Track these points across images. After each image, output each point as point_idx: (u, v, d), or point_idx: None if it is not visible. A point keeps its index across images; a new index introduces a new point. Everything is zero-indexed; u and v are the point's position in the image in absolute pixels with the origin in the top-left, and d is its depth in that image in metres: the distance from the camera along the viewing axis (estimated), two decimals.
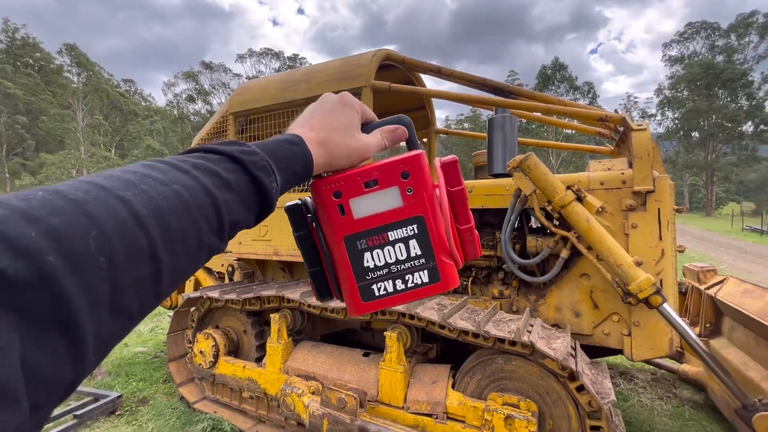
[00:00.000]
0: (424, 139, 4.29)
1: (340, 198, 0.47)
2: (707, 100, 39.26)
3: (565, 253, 2.22)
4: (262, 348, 2.78)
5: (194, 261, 0.35)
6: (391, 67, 3.26)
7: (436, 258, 0.48)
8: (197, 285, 3.75)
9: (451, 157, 0.52)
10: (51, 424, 2.78)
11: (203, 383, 3.04)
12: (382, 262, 0.48)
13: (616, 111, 2.46)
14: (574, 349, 1.97)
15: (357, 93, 2.66)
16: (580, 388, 1.81)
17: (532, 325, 2.06)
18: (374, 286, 0.49)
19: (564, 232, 2.20)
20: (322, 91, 2.80)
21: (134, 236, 0.28)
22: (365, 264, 0.48)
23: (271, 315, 2.64)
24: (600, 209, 2.13)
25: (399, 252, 0.48)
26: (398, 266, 0.48)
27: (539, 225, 2.80)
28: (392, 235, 0.48)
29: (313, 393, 2.31)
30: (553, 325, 2.30)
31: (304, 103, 2.90)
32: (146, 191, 0.31)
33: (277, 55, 49.95)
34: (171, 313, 3.32)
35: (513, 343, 1.93)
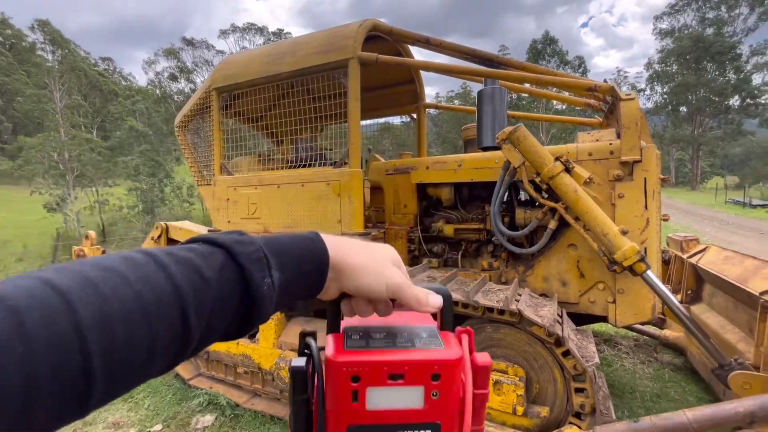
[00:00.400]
0: (413, 115, 4.24)
1: (357, 383, 0.42)
2: (696, 74, 39.29)
3: (553, 225, 2.25)
4: None
5: (139, 371, 0.31)
6: (378, 39, 3.17)
7: None
8: None
9: (486, 358, 0.46)
10: None
11: (197, 360, 3.07)
12: None
13: (605, 81, 2.45)
14: (561, 317, 2.03)
15: (343, 65, 2.59)
16: (566, 353, 1.87)
17: (520, 295, 2.10)
18: None
19: (552, 204, 2.22)
20: (307, 63, 2.72)
21: (66, 353, 0.26)
22: None
23: None
24: (588, 180, 2.15)
25: None
26: None
27: (528, 198, 2.82)
28: None
29: None
30: (540, 295, 2.35)
31: (289, 77, 2.82)
32: (102, 294, 0.29)
33: (261, 31, 48.22)
34: None
35: (501, 311, 1.98)
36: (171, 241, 3.96)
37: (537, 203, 2.65)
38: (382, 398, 0.42)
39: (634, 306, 2.14)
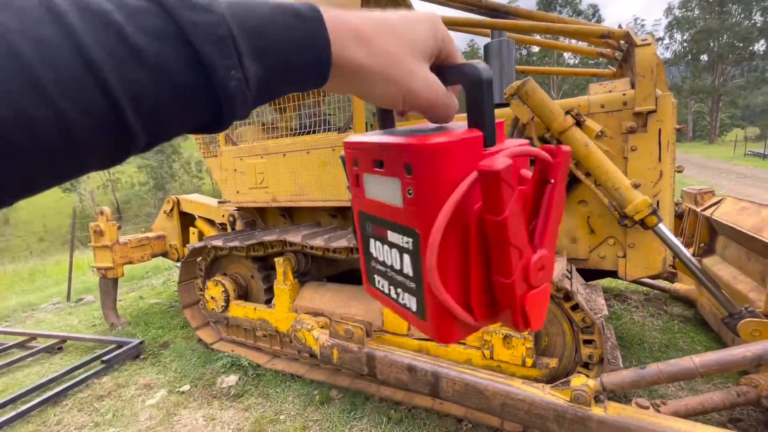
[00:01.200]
0: None
1: (357, 167, 0.40)
2: (719, 17, 36.78)
3: None
4: (270, 291, 2.89)
5: (56, 161, 0.22)
6: None
7: (425, 294, 0.35)
8: (201, 236, 3.81)
9: (506, 162, 0.29)
10: (81, 370, 2.98)
11: (218, 326, 3.21)
12: (382, 258, 0.41)
13: (619, 26, 2.31)
14: (570, 272, 2.04)
15: None
16: (575, 307, 1.90)
17: None
18: (376, 276, 0.43)
19: None
20: None
21: None
22: (370, 249, 0.42)
23: (275, 259, 2.71)
24: (599, 133, 2.08)
25: (394, 259, 0.38)
26: (393, 273, 0.39)
27: None
28: (390, 237, 0.38)
29: (321, 327, 2.44)
30: None
31: None
32: None
33: None
34: (179, 264, 3.42)
35: None
36: (183, 215, 4.04)
37: None
38: (372, 187, 0.39)
39: (644, 259, 2.13)
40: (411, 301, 0.38)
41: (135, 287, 5.54)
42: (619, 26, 2.37)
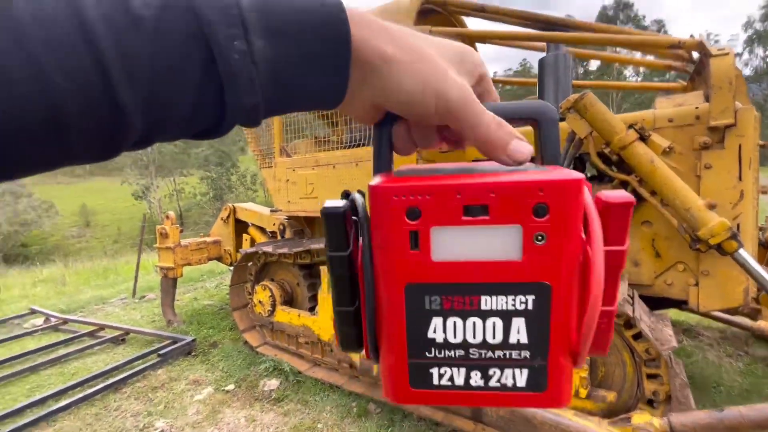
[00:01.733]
0: None
1: (416, 219, 0.29)
2: None
3: None
4: (314, 299, 2.95)
5: (38, 145, 0.20)
6: (431, 13, 3.08)
7: (549, 355, 0.30)
8: (253, 243, 4.01)
9: (622, 194, 0.29)
10: (140, 361, 3.21)
11: (263, 330, 3.32)
12: (459, 339, 0.31)
13: (691, 36, 2.16)
14: (632, 297, 1.88)
15: None
16: (637, 336, 1.73)
17: None
18: (435, 370, 0.32)
19: (624, 176, 2.04)
20: None
21: None
22: (430, 334, 0.31)
23: (321, 267, 2.77)
24: (667, 149, 1.93)
25: (490, 331, 0.30)
26: (483, 352, 0.31)
27: (596, 173, 2.61)
28: (487, 303, 0.30)
29: None
30: None
31: None
32: None
33: None
34: (232, 268, 3.62)
35: None
36: (238, 222, 4.28)
37: (606, 177, 2.45)
38: (456, 244, 0.29)
39: (721, 289, 1.91)
40: (518, 377, 0.31)
41: (190, 288, 5.91)
42: (691, 36, 2.22)
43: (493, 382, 0.31)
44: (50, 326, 4.42)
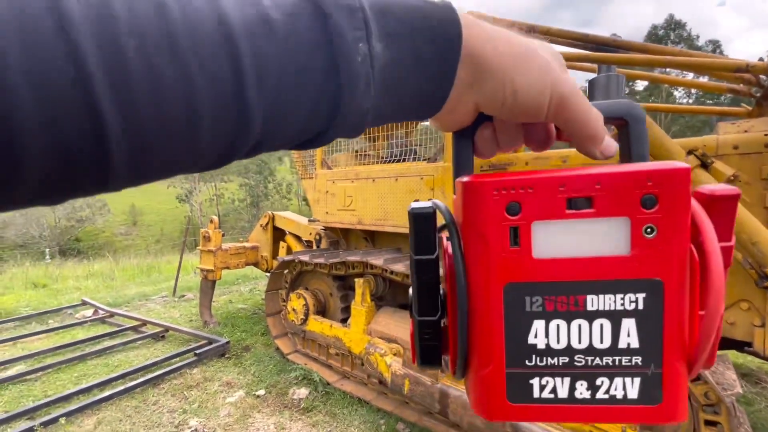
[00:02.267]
0: None
1: (516, 215, 0.28)
2: None
3: None
4: (346, 310, 2.96)
5: (178, 138, 0.20)
6: None
7: (664, 362, 0.28)
8: (289, 251, 4.11)
9: (725, 186, 0.28)
10: (177, 359, 3.34)
11: (295, 338, 3.36)
12: (563, 345, 0.29)
13: (761, 60, 2.03)
14: None
15: None
16: (695, 378, 1.60)
17: None
18: (535, 380, 0.29)
19: None
20: None
21: (55, 56, 0.16)
22: (530, 339, 0.29)
23: (356, 279, 2.79)
24: (732, 178, 1.81)
25: (597, 334, 0.28)
26: (589, 359, 0.29)
27: None
28: (594, 303, 0.28)
29: (395, 354, 2.40)
30: None
31: None
32: (107, 3, 0.18)
33: None
34: (268, 274, 3.72)
35: None
36: (276, 230, 4.41)
37: None
38: (559, 239, 0.28)
39: None
40: (630, 388, 0.28)
41: (226, 291, 6.12)
42: (760, 59, 2.09)
43: (600, 394, 0.29)
44: (98, 318, 4.70)
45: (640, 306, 0.27)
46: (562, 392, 0.29)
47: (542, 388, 0.29)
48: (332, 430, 2.42)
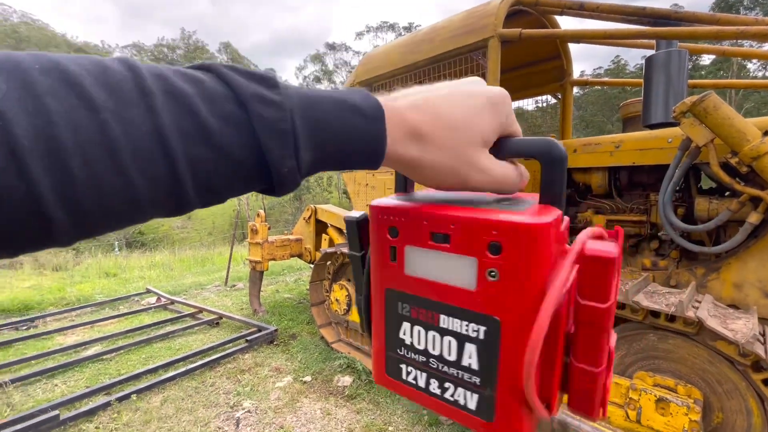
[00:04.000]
0: (558, 94, 3.83)
1: (395, 237, 0.34)
2: None
3: (754, 218, 1.76)
4: None
5: (119, 218, 0.24)
6: (520, 13, 2.96)
7: (498, 389, 0.30)
8: (331, 243, 4.21)
9: (606, 247, 0.28)
10: (231, 344, 3.56)
11: (339, 327, 3.46)
12: (422, 347, 0.34)
13: None
14: (763, 335, 1.59)
15: (483, 46, 2.50)
16: None
17: (699, 301, 1.72)
18: (403, 366, 0.36)
19: (754, 191, 1.74)
20: (445, 48, 2.71)
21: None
22: (401, 335, 0.35)
23: None
24: None
25: (447, 348, 0.33)
26: (440, 365, 0.33)
27: (714, 185, 2.27)
28: (445, 321, 0.32)
29: None
30: (729, 305, 1.89)
31: (427, 64, 2.87)
32: (46, 111, 0.20)
33: (393, 27, 50.22)
34: (312, 266, 3.84)
35: (672, 318, 1.66)
36: (319, 223, 4.53)
37: (728, 191, 2.12)
38: (422, 264, 0.33)
39: None
40: (469, 399, 0.32)
41: (273, 281, 6.41)
42: None
43: (448, 395, 0.33)
44: (161, 305, 5.12)
45: (481, 336, 0.30)
46: (421, 382, 0.35)
47: (408, 373, 0.36)
48: (376, 418, 2.48)
